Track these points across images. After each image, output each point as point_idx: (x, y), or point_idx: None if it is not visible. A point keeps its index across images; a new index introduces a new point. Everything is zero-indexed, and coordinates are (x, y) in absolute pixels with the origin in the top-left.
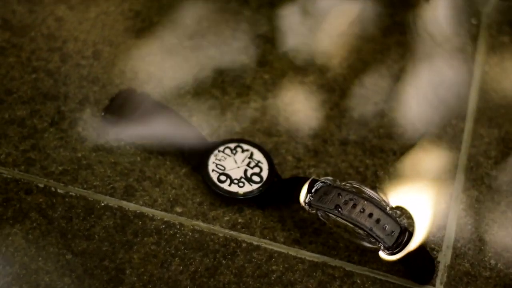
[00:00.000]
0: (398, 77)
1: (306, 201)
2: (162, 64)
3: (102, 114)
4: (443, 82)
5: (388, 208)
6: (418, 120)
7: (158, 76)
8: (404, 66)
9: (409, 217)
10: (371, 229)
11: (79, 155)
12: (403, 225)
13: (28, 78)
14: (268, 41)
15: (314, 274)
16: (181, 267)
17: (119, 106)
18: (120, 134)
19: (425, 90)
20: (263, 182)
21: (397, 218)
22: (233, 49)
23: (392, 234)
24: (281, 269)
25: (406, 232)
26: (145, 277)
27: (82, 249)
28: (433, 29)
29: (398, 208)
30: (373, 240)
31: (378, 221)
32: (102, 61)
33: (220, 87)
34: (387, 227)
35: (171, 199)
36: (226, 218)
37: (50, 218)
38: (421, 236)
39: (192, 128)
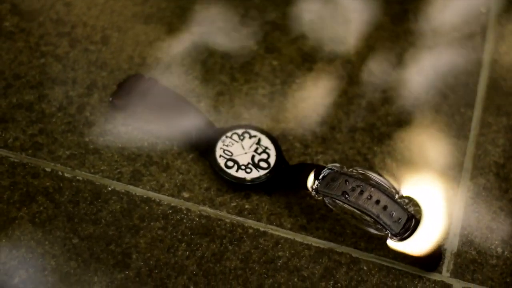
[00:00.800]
0: (406, 64)
1: (313, 187)
2: (170, 50)
3: (110, 99)
4: (452, 70)
5: (395, 195)
6: (426, 108)
7: (166, 61)
8: (413, 53)
9: (416, 205)
10: (378, 216)
11: (87, 139)
12: (410, 212)
13: (36, 63)
14: (276, 28)
15: (321, 260)
16: (187, 252)
17: (127, 91)
18: (127, 119)
19: (434, 78)
20: (270, 168)
21: (404, 205)
22: (242, 36)
23: (399, 221)
24: (287, 255)
25: (413, 219)
26: (151, 262)
27: (88, 233)
28: (442, 18)
29: (405, 195)
30: (380, 227)
31: (385, 208)
32: (111, 47)
33: (228, 73)
34: (394, 214)
35: (178, 184)
36: (233, 204)
37: (57, 202)
38: (428, 224)
39: (200, 114)
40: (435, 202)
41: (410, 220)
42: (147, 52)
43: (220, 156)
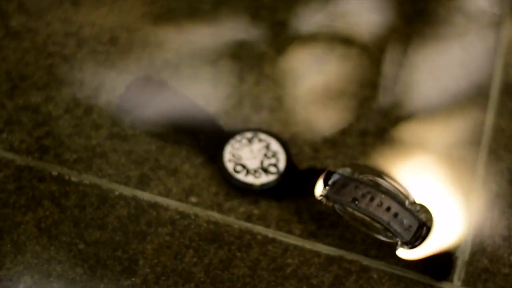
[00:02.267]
0: (418, 66)
1: (323, 193)
2: (179, 51)
3: (118, 101)
4: (464, 72)
5: (406, 202)
6: (438, 112)
7: (175, 63)
8: (425, 55)
9: (428, 212)
10: (388, 223)
11: (94, 142)
12: (421, 219)
13: (43, 63)
14: (287, 29)
15: (330, 268)
16: (195, 259)
17: (135, 93)
18: (135, 122)
19: (446, 80)
20: (279, 173)
21: (415, 213)
22: (252, 37)
23: (410, 228)
24: (296, 262)
25: (424, 226)
26: (158, 269)
27: (95, 239)
28: (453, 18)
29: (416, 202)
30: (390, 234)
31: (396, 215)
32: (119, 47)
33: (237, 75)
34: (405, 221)
35: (186, 189)
36: (241, 209)
37: (63, 207)
38: (439, 231)
39: (209, 117)
40: (447, 209)
41: (421, 228)
42: (156, 53)
43: (229, 160)
